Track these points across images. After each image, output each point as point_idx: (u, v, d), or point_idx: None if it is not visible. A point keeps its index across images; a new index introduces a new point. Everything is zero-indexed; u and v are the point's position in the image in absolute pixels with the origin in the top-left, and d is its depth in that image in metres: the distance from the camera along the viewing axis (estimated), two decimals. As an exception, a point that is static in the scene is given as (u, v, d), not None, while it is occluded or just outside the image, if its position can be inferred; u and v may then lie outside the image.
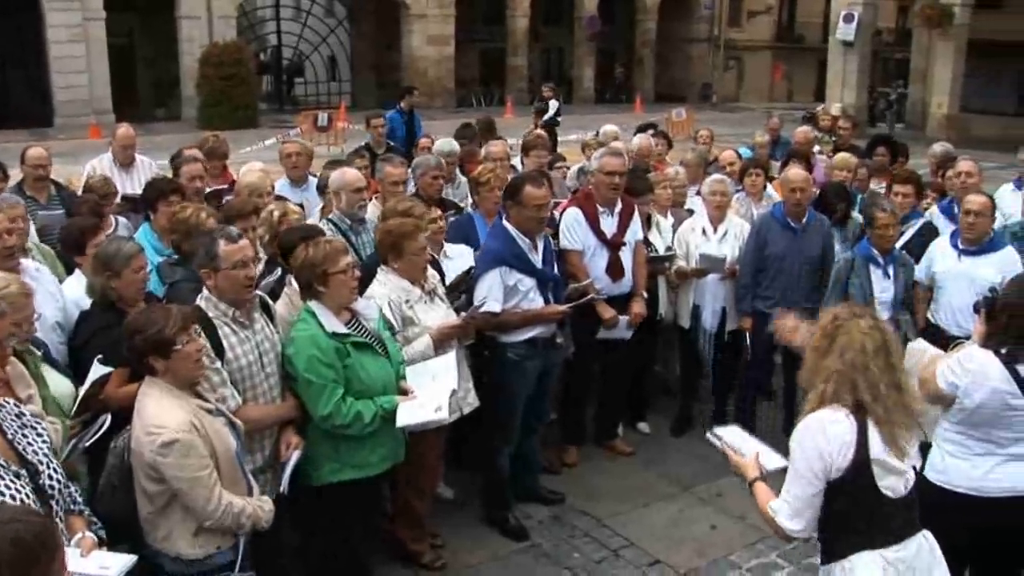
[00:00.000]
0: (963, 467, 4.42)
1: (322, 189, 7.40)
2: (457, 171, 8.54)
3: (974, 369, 4.32)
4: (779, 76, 44.79)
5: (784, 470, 3.66)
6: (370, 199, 6.96)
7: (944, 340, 5.81)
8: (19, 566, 2.28)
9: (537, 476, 6.68)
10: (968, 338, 4.95)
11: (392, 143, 11.35)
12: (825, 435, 3.44)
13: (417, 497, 5.72)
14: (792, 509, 3.55)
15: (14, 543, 2.29)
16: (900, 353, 3.63)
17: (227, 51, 28.55)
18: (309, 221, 6.32)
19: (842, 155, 9.11)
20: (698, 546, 6.03)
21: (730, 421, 7.19)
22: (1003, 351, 4.28)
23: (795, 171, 7.57)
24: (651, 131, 10.41)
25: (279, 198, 6.90)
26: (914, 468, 3.65)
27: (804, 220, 7.24)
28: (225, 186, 7.84)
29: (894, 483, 3.50)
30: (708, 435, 4.12)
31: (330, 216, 6.50)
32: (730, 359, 7.54)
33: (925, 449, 4.45)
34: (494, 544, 6.07)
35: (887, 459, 3.47)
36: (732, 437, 4.07)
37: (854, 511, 3.49)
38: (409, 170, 7.32)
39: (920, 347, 5.10)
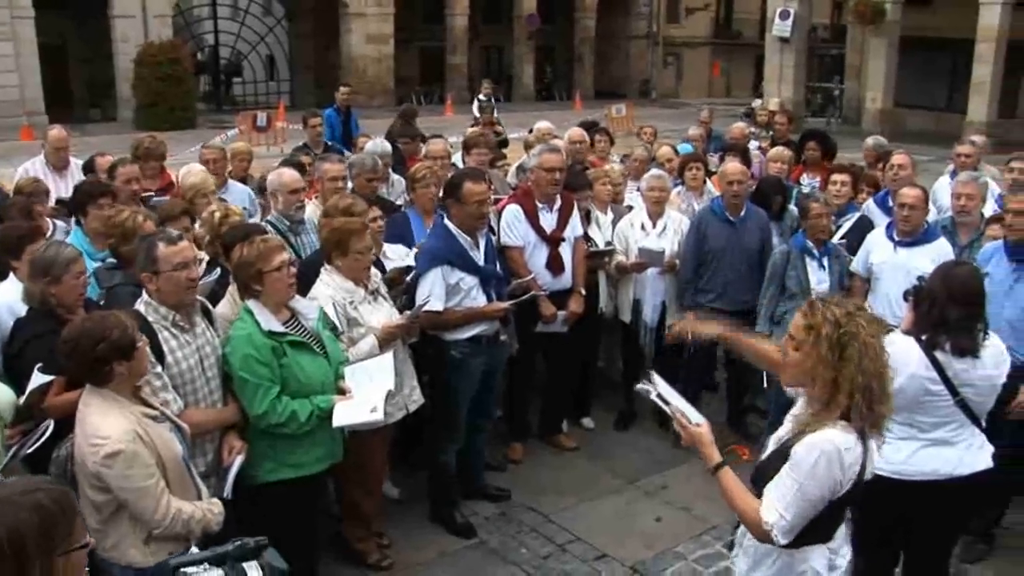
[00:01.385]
0: (886, 451, 4.51)
1: (261, 191, 7.35)
2: (391, 171, 8.51)
3: (894, 354, 4.43)
4: (717, 72, 45.25)
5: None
6: (310, 199, 6.93)
7: (881, 330, 5.94)
8: (43, 532, 2.38)
9: (483, 473, 6.70)
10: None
11: (329, 142, 11.30)
12: (842, 466, 3.31)
13: (363, 496, 5.71)
14: (791, 527, 3.40)
15: (36, 509, 2.39)
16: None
17: (163, 51, 28.07)
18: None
19: (777, 148, 9.24)
20: (644, 538, 6.08)
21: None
22: (923, 337, 4.42)
23: (732, 165, 7.68)
24: (593, 129, 10.44)
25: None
26: None
27: (742, 213, 7.33)
28: (152, 192, 7.69)
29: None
30: (638, 387, 3.86)
31: (268, 218, 6.47)
32: (672, 353, 7.61)
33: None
34: (441, 542, 6.08)
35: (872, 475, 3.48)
36: (673, 395, 3.76)
37: (824, 521, 3.48)
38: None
39: None
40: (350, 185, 7.11)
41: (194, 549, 3.84)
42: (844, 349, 3.33)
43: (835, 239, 7.24)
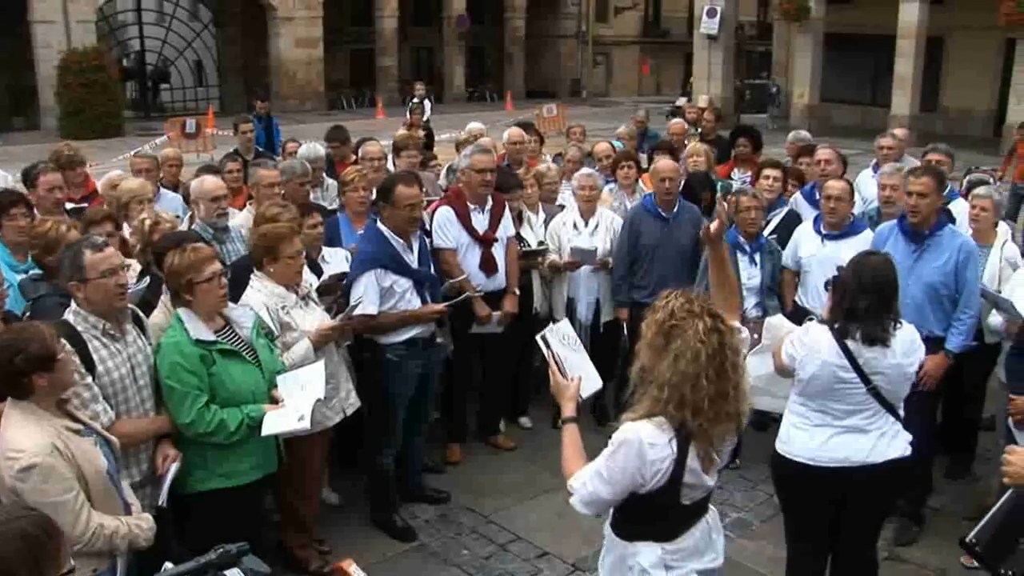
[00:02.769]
0: (803, 437, 4.65)
1: (188, 199, 7.27)
2: (324, 175, 8.47)
3: (808, 342, 4.57)
4: (647, 70, 45.60)
5: (600, 393, 3.57)
6: (243, 206, 6.87)
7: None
8: (30, 558, 2.41)
9: (422, 476, 6.70)
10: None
11: (260, 148, 11.20)
12: (642, 459, 3.30)
13: (302, 503, 5.68)
14: (588, 498, 3.48)
15: (23, 538, 2.41)
16: (739, 350, 3.49)
17: (87, 57, 27.56)
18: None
19: (694, 144, 9.34)
20: (585, 535, 6.09)
21: (610, 411, 7.34)
22: (835, 326, 4.51)
23: (664, 161, 7.77)
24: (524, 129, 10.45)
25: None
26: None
27: (675, 210, 7.41)
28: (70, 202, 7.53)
29: (695, 494, 3.48)
30: (538, 338, 3.93)
31: (193, 226, 6.39)
32: (606, 350, 7.66)
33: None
34: (382, 546, 6.06)
35: (697, 478, 3.41)
36: (560, 345, 3.88)
37: (650, 515, 3.49)
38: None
39: (777, 323, 5.33)
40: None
41: (168, 565, 3.78)
42: (668, 341, 3.33)
43: (765, 233, 7.34)
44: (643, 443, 3.31)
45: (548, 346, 3.85)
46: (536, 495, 6.70)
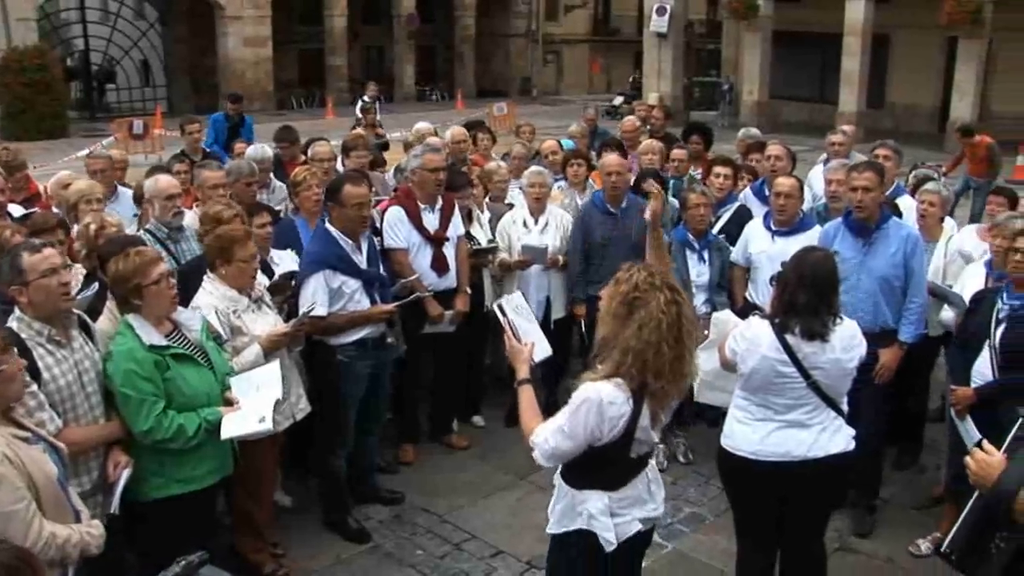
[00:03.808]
0: (746, 431, 4.70)
1: (138, 200, 7.18)
2: (272, 176, 8.40)
3: (749, 336, 4.63)
4: (597, 69, 45.77)
5: (552, 363, 3.90)
6: (190, 206, 6.79)
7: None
8: None
9: (375, 477, 6.67)
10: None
11: (208, 149, 11.07)
12: (600, 414, 3.60)
13: (254, 506, 5.63)
14: (550, 452, 3.75)
15: (5, 570, 2.44)
16: (693, 321, 3.78)
17: (29, 56, 26.93)
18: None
19: (647, 141, 9.38)
20: (539, 533, 6.00)
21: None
22: (776, 321, 4.57)
23: (611, 157, 7.82)
24: (474, 129, 10.45)
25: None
26: None
27: (624, 205, 7.45)
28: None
29: (642, 449, 3.80)
30: (494, 305, 4.23)
31: (147, 226, 6.31)
32: (558, 347, 7.67)
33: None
34: (336, 548, 6.03)
35: (647, 434, 3.73)
36: (515, 314, 4.18)
37: (599, 466, 3.76)
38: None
39: (724, 318, 5.38)
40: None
41: None
42: (631, 311, 3.62)
43: (715, 230, 7.39)
44: (603, 401, 3.60)
45: (504, 313, 4.14)
46: (490, 494, 6.71)
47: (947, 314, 6.37)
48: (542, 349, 4.24)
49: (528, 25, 43.04)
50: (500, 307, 4.20)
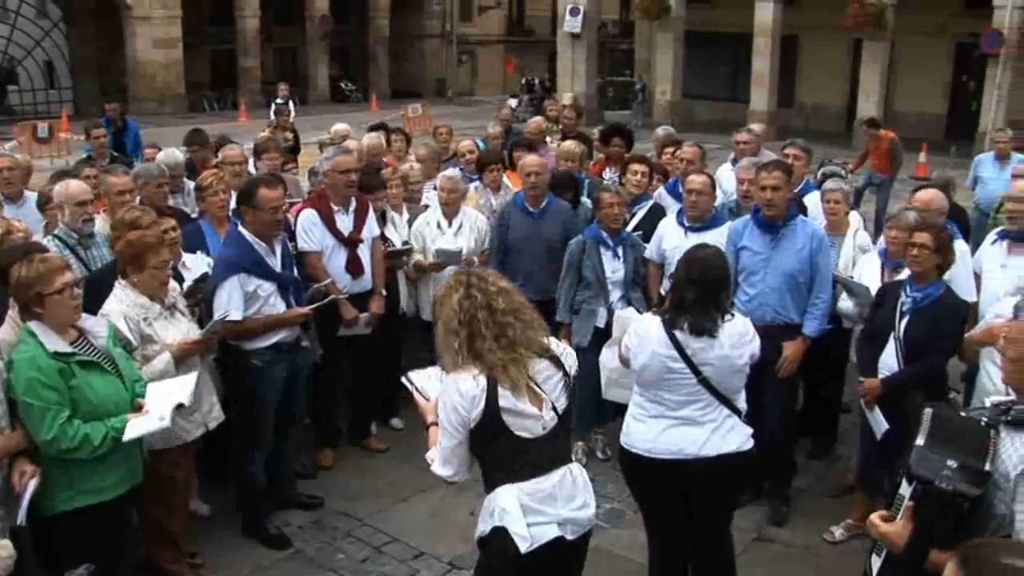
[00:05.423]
0: (640, 429, 4.75)
1: (43, 206, 7.01)
2: (185, 180, 8.27)
3: (640, 333, 4.70)
4: (511, 69, 45.89)
5: None
6: (98, 212, 6.65)
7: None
8: None
9: (294, 482, 6.61)
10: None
11: (116, 153, 10.85)
12: (458, 392, 3.73)
13: (168, 516, 5.52)
14: (442, 458, 3.85)
15: None
16: (514, 311, 3.84)
17: (-78, 57, 26.16)
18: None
19: (567, 145, 9.43)
20: (460, 533, 6.11)
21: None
22: (666, 317, 4.64)
23: (531, 157, 7.87)
24: (382, 131, 10.39)
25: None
26: None
27: (543, 205, 7.50)
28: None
29: (530, 425, 3.77)
30: (403, 379, 4.31)
31: (56, 232, 6.17)
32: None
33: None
34: (256, 555, 5.96)
35: (518, 406, 3.73)
36: (426, 381, 4.25)
37: (495, 452, 3.79)
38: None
39: (627, 315, 5.45)
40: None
41: None
42: (439, 313, 3.90)
43: (629, 227, 7.48)
44: (457, 383, 3.76)
45: (411, 382, 4.28)
46: (410, 496, 6.69)
47: (846, 304, 6.54)
48: None
49: (442, 26, 42.97)
50: (408, 378, 4.32)
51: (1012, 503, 3.01)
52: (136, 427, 4.55)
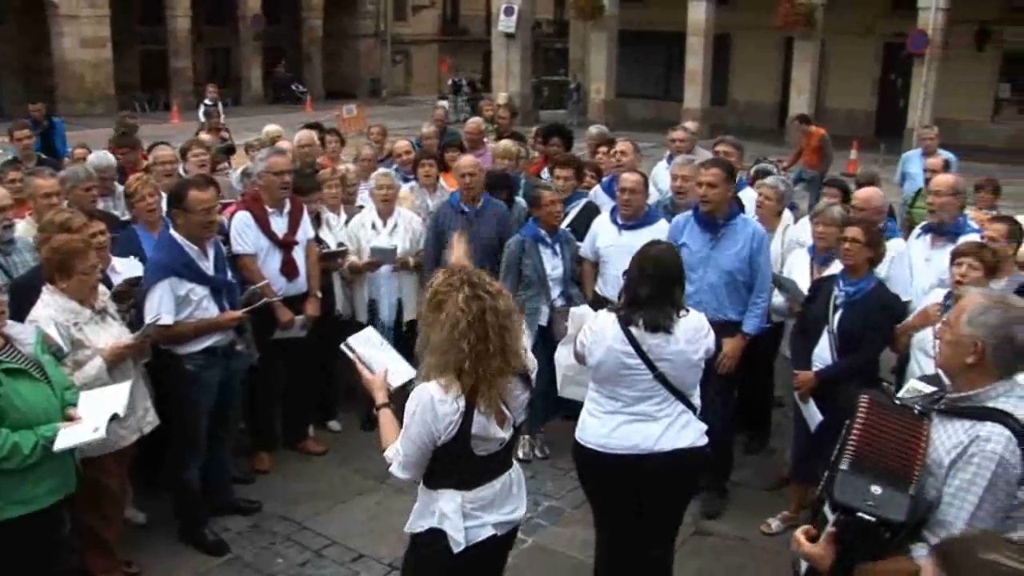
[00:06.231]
0: (595, 424, 4.77)
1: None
2: (116, 183, 8.12)
3: (596, 329, 4.71)
4: (446, 68, 45.85)
5: (411, 383, 3.90)
6: (22, 216, 6.52)
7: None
8: None
9: (230, 487, 6.53)
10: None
11: (45, 156, 10.63)
12: (434, 413, 3.63)
13: (102, 525, 5.43)
14: (403, 463, 3.78)
15: None
16: (509, 312, 3.77)
17: None
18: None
19: (505, 144, 9.45)
20: (400, 535, 5.94)
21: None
22: (621, 313, 4.66)
23: (466, 157, 7.92)
24: (316, 130, 10.32)
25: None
26: None
27: (478, 205, 7.51)
28: None
29: (491, 446, 3.78)
30: (342, 346, 4.22)
31: (-30, 239, 6.03)
32: (411, 349, 7.64)
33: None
34: (193, 562, 5.88)
35: (488, 431, 3.72)
36: (365, 347, 4.20)
37: (450, 466, 3.78)
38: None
39: (581, 312, 5.46)
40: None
41: None
42: (437, 313, 3.69)
43: (563, 226, 7.51)
44: (433, 400, 3.64)
45: (352, 350, 4.16)
46: (349, 498, 6.66)
47: (776, 299, 6.65)
48: (400, 373, 4.19)
49: (376, 25, 42.78)
50: (348, 345, 4.21)
51: (942, 488, 3.07)
52: (68, 437, 4.45)
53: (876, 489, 3.02)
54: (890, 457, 3.09)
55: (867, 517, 3.00)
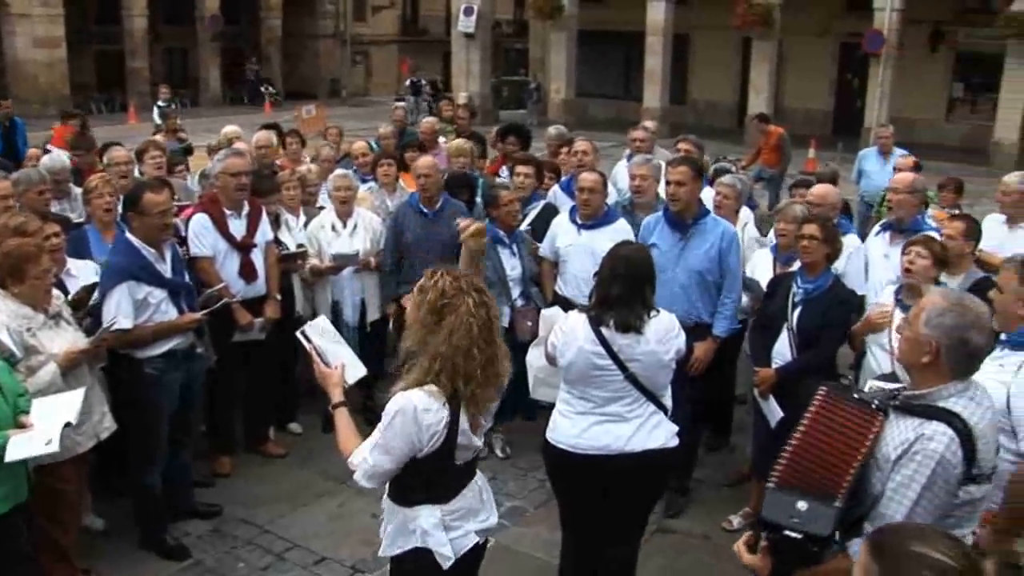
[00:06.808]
0: (566, 425, 4.78)
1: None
2: (72, 185, 8.02)
3: (567, 330, 4.71)
4: (406, 69, 45.71)
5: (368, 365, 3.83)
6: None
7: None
8: None
9: (191, 491, 6.48)
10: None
11: (3, 159, 10.48)
12: (417, 423, 3.51)
13: (59, 532, 5.34)
14: (371, 473, 3.64)
15: None
16: (498, 321, 3.75)
17: None
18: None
19: (457, 143, 9.44)
20: (363, 537, 6.07)
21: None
22: (592, 313, 4.66)
23: (423, 159, 7.86)
24: (274, 131, 10.25)
25: None
26: None
27: (437, 206, 7.48)
28: None
29: (467, 455, 3.74)
30: (298, 333, 4.13)
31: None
32: (375, 349, 7.64)
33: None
34: (155, 568, 5.83)
35: (468, 439, 3.67)
36: (321, 338, 4.09)
37: (428, 479, 3.69)
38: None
39: (552, 313, 5.46)
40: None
41: None
42: (441, 317, 3.56)
43: (523, 226, 7.51)
44: (417, 409, 3.52)
45: (308, 340, 4.06)
46: (310, 501, 6.63)
47: (743, 299, 6.68)
48: (355, 370, 4.10)
49: (336, 26, 42.58)
50: (304, 334, 4.10)
51: (886, 482, 3.12)
52: (20, 447, 4.39)
53: (802, 505, 3.07)
54: (825, 464, 3.12)
55: (792, 534, 3.05)
